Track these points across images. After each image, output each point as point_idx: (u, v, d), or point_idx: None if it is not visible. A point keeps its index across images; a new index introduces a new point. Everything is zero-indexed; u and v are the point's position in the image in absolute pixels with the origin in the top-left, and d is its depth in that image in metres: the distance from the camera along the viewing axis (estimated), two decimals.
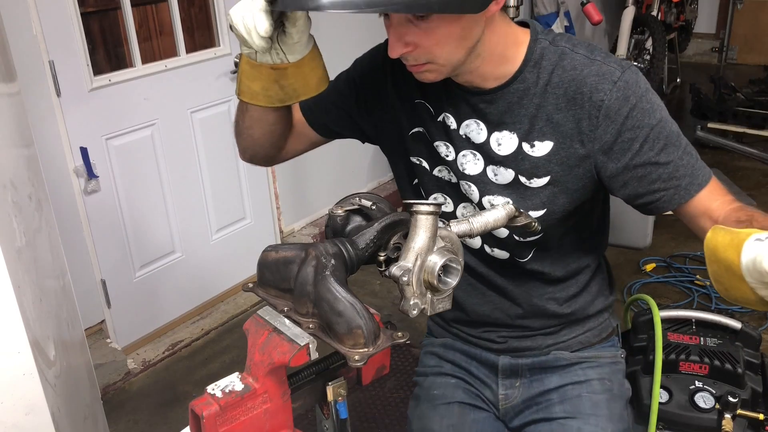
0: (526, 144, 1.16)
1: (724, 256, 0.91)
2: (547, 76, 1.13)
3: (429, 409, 1.38)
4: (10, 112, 1.61)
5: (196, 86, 2.92)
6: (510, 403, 1.38)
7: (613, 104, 1.09)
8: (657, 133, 1.10)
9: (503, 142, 1.17)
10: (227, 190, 3.19)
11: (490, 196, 1.21)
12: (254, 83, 1.12)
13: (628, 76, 1.10)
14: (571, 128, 1.12)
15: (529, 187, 1.18)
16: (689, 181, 1.11)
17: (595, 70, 1.10)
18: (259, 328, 1.01)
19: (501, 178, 1.20)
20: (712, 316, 1.72)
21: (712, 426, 1.53)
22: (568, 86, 1.11)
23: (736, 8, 6.23)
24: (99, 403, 2.12)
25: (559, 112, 1.13)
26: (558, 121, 1.13)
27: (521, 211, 1.15)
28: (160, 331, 3.04)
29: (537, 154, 1.16)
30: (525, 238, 1.23)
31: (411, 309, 0.97)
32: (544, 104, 1.13)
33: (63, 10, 2.42)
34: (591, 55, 1.12)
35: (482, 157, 1.20)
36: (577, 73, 1.11)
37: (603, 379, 1.34)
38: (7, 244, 1.28)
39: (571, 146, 1.14)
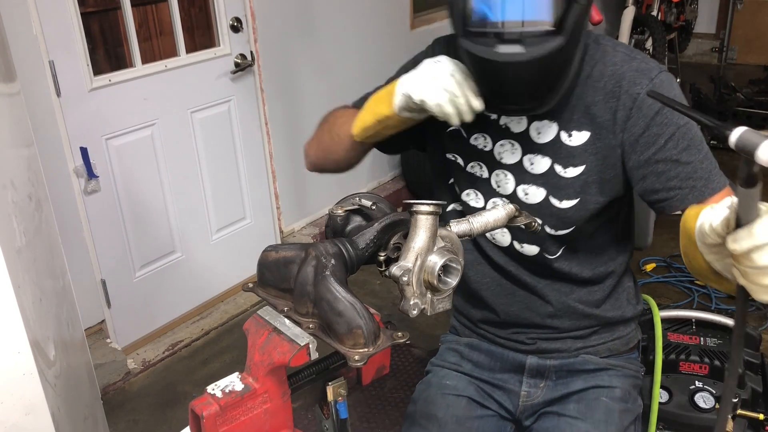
0: (564, 133, 1.20)
1: (687, 226, 0.97)
2: (588, 70, 1.18)
3: (438, 395, 1.39)
4: (10, 112, 1.61)
5: (196, 86, 2.92)
6: (530, 401, 1.38)
7: (647, 99, 1.14)
8: (683, 133, 1.14)
9: (543, 131, 1.21)
10: (227, 190, 3.19)
11: (525, 185, 1.24)
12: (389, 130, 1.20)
13: (664, 76, 1.17)
14: (608, 120, 1.17)
15: (563, 176, 1.21)
16: (704, 184, 1.14)
17: (635, 66, 1.17)
18: (259, 328, 1.01)
19: (537, 167, 1.23)
20: (712, 316, 1.72)
21: (712, 426, 1.53)
22: (608, 80, 1.17)
23: (736, 8, 6.23)
24: (99, 403, 2.12)
25: (597, 104, 1.18)
26: (595, 113, 1.18)
27: (521, 211, 1.15)
28: (160, 331, 3.04)
29: (573, 144, 1.20)
30: (557, 231, 1.25)
31: (411, 309, 0.97)
32: (584, 96, 1.18)
33: (63, 10, 2.42)
34: (631, 53, 1.19)
35: (520, 147, 1.24)
36: (617, 68, 1.17)
37: (625, 390, 1.34)
38: (7, 244, 1.28)
39: (606, 137, 1.18)
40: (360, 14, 3.66)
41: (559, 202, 1.22)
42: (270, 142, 3.29)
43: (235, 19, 3.00)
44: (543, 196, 1.23)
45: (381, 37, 3.76)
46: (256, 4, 3.04)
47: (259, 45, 3.11)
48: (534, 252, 1.29)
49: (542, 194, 1.23)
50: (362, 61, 3.69)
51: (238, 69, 3.04)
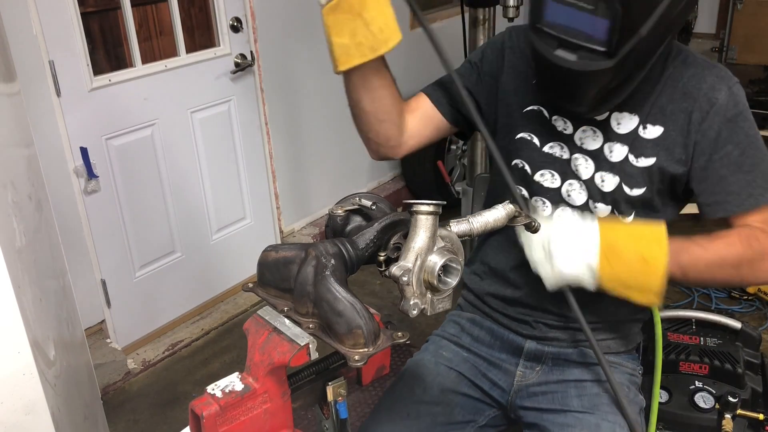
0: (641, 126, 1.25)
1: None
2: (670, 69, 1.25)
3: (431, 363, 1.42)
4: (10, 112, 1.61)
5: (196, 86, 2.92)
6: (525, 381, 1.39)
7: (725, 104, 1.20)
8: (751, 142, 1.21)
9: (623, 122, 1.26)
10: (227, 190, 3.19)
11: (603, 173, 1.27)
12: (343, 34, 1.16)
13: (740, 88, 1.23)
14: (682, 119, 1.22)
15: (635, 165, 1.25)
16: (761, 193, 1.20)
17: (716, 72, 1.23)
18: (259, 328, 1.01)
19: (615, 155, 1.26)
20: (712, 316, 1.72)
21: (712, 426, 1.53)
22: (687, 81, 1.23)
23: (736, 8, 6.22)
24: (99, 403, 2.12)
25: (672, 102, 1.23)
26: (671, 111, 1.23)
27: (521, 211, 1.15)
28: (160, 331, 3.04)
29: (647, 136, 1.25)
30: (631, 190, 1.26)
31: (411, 309, 0.97)
32: (663, 93, 1.24)
33: (63, 10, 2.42)
34: (710, 62, 1.26)
35: (602, 134, 1.27)
36: (698, 71, 1.23)
37: (622, 385, 1.35)
38: (7, 244, 1.28)
39: (679, 135, 1.23)
40: None
41: (630, 190, 1.26)
42: (270, 142, 3.29)
43: (235, 19, 3.00)
44: (617, 183, 1.26)
45: None
46: (256, 4, 3.04)
47: (259, 45, 3.11)
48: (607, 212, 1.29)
49: (616, 181, 1.26)
50: None
51: (238, 69, 3.04)
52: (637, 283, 1.14)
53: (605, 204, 1.27)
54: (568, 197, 1.30)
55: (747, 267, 1.18)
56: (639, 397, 1.39)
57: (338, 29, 1.16)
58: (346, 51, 1.18)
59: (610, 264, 1.12)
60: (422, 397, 1.36)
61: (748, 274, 1.19)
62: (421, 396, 1.36)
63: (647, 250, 1.13)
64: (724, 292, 3.06)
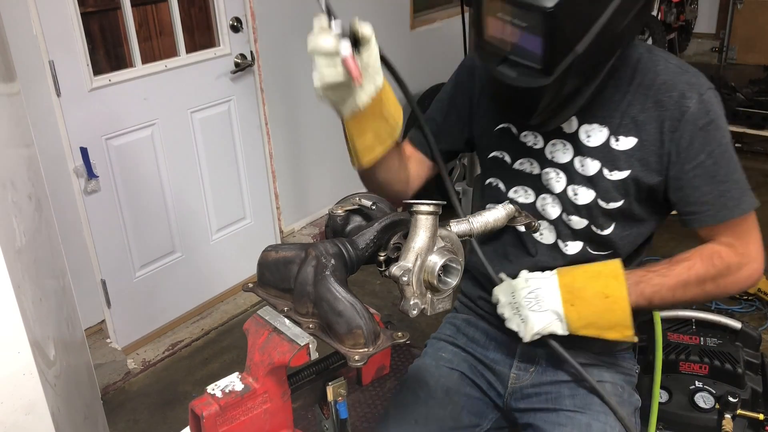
0: (613, 138, 1.23)
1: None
2: (640, 78, 1.22)
3: (432, 366, 1.42)
4: (10, 112, 1.61)
5: (196, 86, 2.92)
6: (519, 383, 1.39)
7: (695, 113, 1.17)
8: (723, 151, 1.19)
9: (592, 134, 1.24)
10: (227, 190, 3.19)
11: (575, 186, 1.27)
12: (366, 135, 1.19)
13: (713, 94, 1.19)
14: (655, 128, 1.20)
15: (609, 179, 1.24)
16: (735, 204, 1.20)
17: (687, 79, 1.20)
18: (259, 328, 1.01)
19: (586, 169, 1.25)
20: (712, 316, 1.72)
21: (712, 426, 1.53)
22: (658, 89, 1.20)
23: (736, 8, 6.22)
24: (99, 403, 2.12)
25: (644, 112, 1.21)
26: (643, 120, 1.21)
27: (521, 211, 1.16)
28: (160, 331, 3.04)
29: (620, 148, 1.23)
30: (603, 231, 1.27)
31: (411, 309, 0.97)
32: (633, 102, 1.22)
33: (63, 10, 2.42)
34: (683, 66, 1.22)
35: (572, 147, 1.26)
36: (669, 78, 1.20)
37: (615, 384, 1.35)
38: (7, 244, 1.28)
39: (653, 144, 1.21)
40: (360, 14, 3.64)
41: (606, 204, 1.25)
42: (270, 142, 3.29)
43: (235, 19, 3.00)
44: (592, 197, 1.26)
45: (381, 37, 3.74)
46: (256, 4, 3.04)
47: (259, 45, 3.11)
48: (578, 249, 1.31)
49: (591, 195, 1.26)
50: None
51: (238, 69, 3.03)
52: (605, 321, 1.18)
53: (580, 217, 1.27)
54: (543, 211, 1.31)
55: (711, 284, 1.21)
56: (634, 396, 1.38)
57: (361, 131, 1.18)
58: (370, 148, 1.21)
59: (574, 307, 1.17)
60: (427, 400, 1.36)
61: (713, 289, 1.22)
62: (426, 400, 1.36)
63: (606, 286, 1.17)
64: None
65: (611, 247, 1.30)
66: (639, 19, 1.13)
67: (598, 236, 1.28)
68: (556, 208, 1.30)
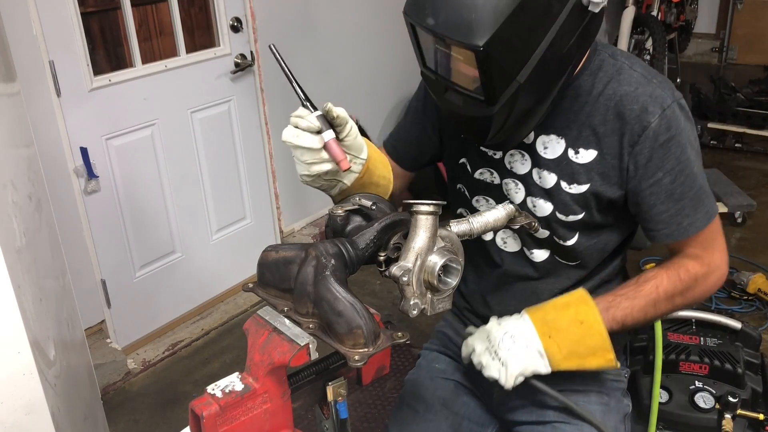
0: (571, 150, 1.20)
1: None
2: (601, 87, 1.17)
3: (426, 378, 1.41)
4: (10, 112, 1.62)
5: (196, 86, 2.92)
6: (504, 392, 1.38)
7: (656, 129, 1.13)
8: (682, 168, 1.16)
9: (549, 146, 1.21)
10: (227, 190, 3.19)
11: (534, 198, 1.24)
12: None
13: (677, 108, 1.15)
14: (615, 141, 1.16)
15: (568, 192, 1.21)
16: (690, 223, 1.18)
17: (650, 91, 1.14)
18: (259, 328, 1.01)
19: (544, 181, 1.23)
20: (712, 316, 1.72)
21: (712, 426, 1.53)
22: (619, 100, 1.15)
23: (736, 8, 6.23)
24: (99, 403, 2.12)
25: (605, 124, 1.17)
26: (604, 133, 1.17)
27: (521, 211, 1.16)
28: (160, 331, 3.04)
29: (580, 161, 1.19)
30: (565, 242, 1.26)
31: (411, 309, 0.97)
32: (594, 113, 1.17)
33: (63, 10, 2.42)
34: (648, 75, 1.17)
35: (530, 158, 1.23)
36: (632, 90, 1.15)
37: (601, 393, 1.34)
38: (7, 244, 1.28)
39: (613, 158, 1.17)
40: (360, 14, 3.66)
41: (565, 217, 1.23)
42: (270, 142, 3.29)
43: (235, 19, 3.00)
44: (550, 209, 1.24)
45: (381, 37, 3.76)
46: (256, 4, 3.04)
47: (259, 45, 3.11)
48: (545, 256, 1.30)
49: (549, 208, 1.24)
50: (362, 61, 3.69)
51: (238, 69, 3.04)
52: (585, 348, 1.15)
53: (541, 228, 1.25)
54: None
55: (679, 297, 1.21)
56: (622, 403, 1.36)
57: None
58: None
59: (552, 339, 1.14)
60: (426, 415, 1.35)
61: (682, 302, 1.23)
62: (425, 414, 1.35)
63: (578, 312, 1.16)
64: (724, 292, 3.06)
65: (578, 257, 1.28)
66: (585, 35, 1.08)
67: (562, 246, 1.26)
68: None
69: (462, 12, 0.96)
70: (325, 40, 3.46)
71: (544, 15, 0.99)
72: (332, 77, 3.48)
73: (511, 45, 0.99)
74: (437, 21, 0.98)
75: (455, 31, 0.97)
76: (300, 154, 1.09)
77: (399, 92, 3.93)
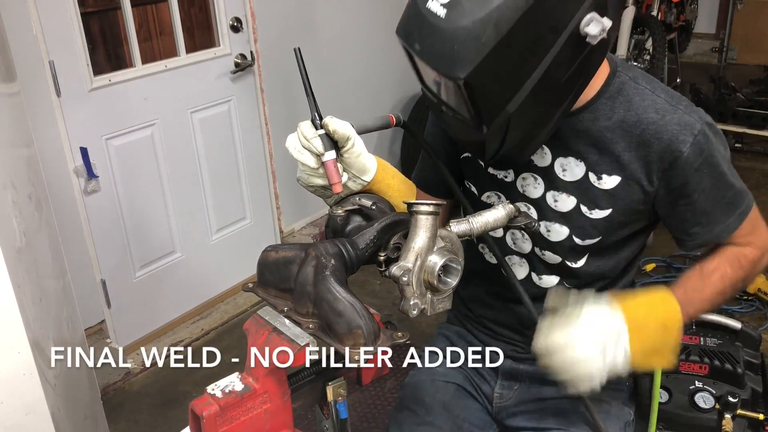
0: (592, 174, 1.17)
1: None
2: (622, 113, 1.14)
3: (427, 381, 1.40)
4: (10, 112, 1.62)
5: (196, 86, 2.92)
6: (504, 403, 1.38)
7: (689, 156, 1.11)
8: (716, 185, 1.15)
9: (568, 169, 1.18)
10: (227, 190, 3.18)
11: (548, 222, 1.22)
12: None
13: (706, 129, 1.12)
14: (639, 168, 1.14)
15: (588, 217, 1.19)
16: (722, 228, 1.18)
17: (677, 119, 1.12)
18: (259, 328, 1.01)
19: (561, 204, 1.20)
20: (712, 316, 1.72)
21: (712, 426, 1.53)
22: (645, 128, 1.12)
23: (736, 8, 6.22)
24: (99, 403, 2.12)
25: (629, 151, 1.14)
26: (627, 160, 1.14)
27: (521, 211, 1.15)
28: (160, 331, 3.04)
29: (603, 187, 1.17)
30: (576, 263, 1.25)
31: (411, 309, 0.97)
32: (616, 140, 1.14)
33: (63, 10, 2.42)
34: (672, 101, 1.14)
35: (543, 182, 1.21)
36: (659, 118, 1.12)
37: (601, 401, 1.33)
38: (7, 244, 1.28)
39: (638, 184, 1.16)
40: (360, 14, 3.66)
41: (581, 241, 1.21)
42: (270, 142, 3.29)
43: (235, 19, 3.00)
44: (566, 234, 1.22)
45: (381, 37, 3.76)
46: (256, 4, 3.04)
47: (259, 45, 3.11)
48: (553, 282, 1.28)
49: (565, 232, 1.22)
50: (362, 61, 3.69)
51: (238, 69, 3.03)
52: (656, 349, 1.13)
53: (553, 253, 1.24)
54: (514, 245, 1.28)
55: (741, 282, 1.23)
56: (624, 410, 1.36)
57: None
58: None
59: (639, 341, 1.10)
60: (425, 418, 1.34)
61: (743, 286, 1.25)
62: (425, 417, 1.34)
63: (665, 316, 1.13)
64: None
65: (588, 278, 1.27)
66: (587, 64, 1.02)
67: (573, 269, 1.25)
68: (527, 243, 1.26)
69: (445, 42, 0.93)
70: (325, 40, 3.46)
71: (534, 46, 0.95)
72: (332, 77, 3.47)
73: (497, 76, 0.95)
74: (422, 48, 0.96)
75: (438, 61, 0.95)
76: (299, 164, 1.11)
77: (399, 92, 3.92)
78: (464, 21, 0.91)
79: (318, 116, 1.09)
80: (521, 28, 0.91)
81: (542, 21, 0.93)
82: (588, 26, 0.94)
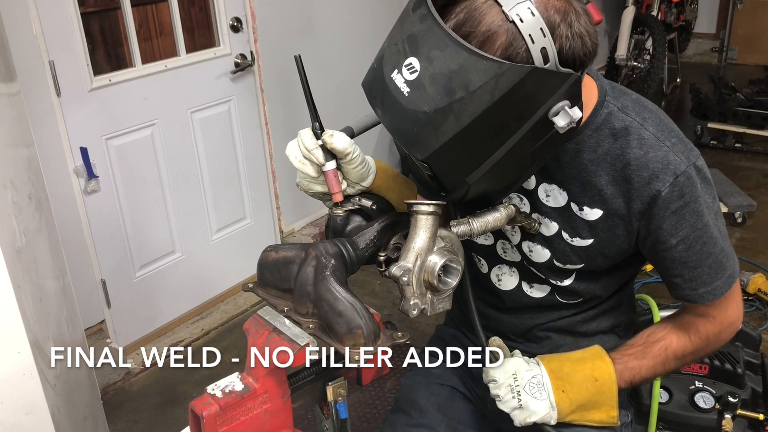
0: (574, 204, 1.15)
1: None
2: (607, 146, 1.09)
3: (422, 384, 1.40)
4: (10, 112, 1.62)
5: (196, 86, 2.92)
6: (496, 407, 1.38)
7: (668, 197, 1.07)
8: (698, 236, 1.10)
9: (552, 195, 1.16)
10: (227, 190, 3.19)
11: (530, 243, 1.21)
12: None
13: (692, 171, 1.07)
14: (623, 204, 1.11)
15: (569, 243, 1.17)
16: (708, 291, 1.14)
17: (661, 156, 1.06)
18: (259, 328, 1.01)
19: (544, 228, 1.18)
20: None
21: (712, 426, 1.53)
22: (627, 163, 1.08)
23: (736, 8, 6.23)
24: (99, 403, 2.12)
25: (613, 185, 1.10)
26: (610, 194, 1.11)
27: (521, 211, 1.15)
28: (160, 331, 3.04)
29: (585, 218, 1.14)
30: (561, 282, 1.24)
31: (411, 309, 0.97)
32: (600, 173, 1.11)
33: (63, 10, 2.42)
34: (660, 136, 1.08)
35: (529, 203, 1.19)
36: (642, 154, 1.07)
37: None
38: (7, 244, 1.28)
39: (621, 218, 1.12)
40: (360, 14, 3.66)
41: (563, 265, 1.20)
42: (270, 142, 3.29)
43: (235, 19, 3.00)
44: (547, 257, 1.21)
45: (381, 38, 3.75)
46: (256, 4, 3.04)
47: (259, 45, 3.11)
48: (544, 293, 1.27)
49: (546, 255, 1.21)
50: (362, 61, 3.69)
51: (238, 69, 3.04)
52: (593, 404, 1.16)
53: (537, 271, 1.23)
54: (504, 254, 1.27)
55: (690, 356, 1.21)
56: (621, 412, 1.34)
57: None
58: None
59: (566, 395, 1.14)
60: (419, 420, 1.34)
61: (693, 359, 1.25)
62: (419, 419, 1.34)
63: (594, 368, 1.15)
64: None
65: (579, 296, 1.26)
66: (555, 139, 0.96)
67: (561, 287, 1.24)
68: (516, 254, 1.26)
69: (405, 121, 0.91)
70: (325, 40, 3.46)
71: (497, 132, 0.91)
72: (332, 77, 3.47)
73: (457, 158, 0.93)
74: (384, 116, 0.95)
75: (398, 135, 0.93)
76: (299, 171, 1.12)
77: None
78: (425, 107, 0.88)
79: (319, 126, 1.08)
80: (483, 120, 0.88)
81: (508, 112, 0.90)
82: (556, 116, 0.91)
